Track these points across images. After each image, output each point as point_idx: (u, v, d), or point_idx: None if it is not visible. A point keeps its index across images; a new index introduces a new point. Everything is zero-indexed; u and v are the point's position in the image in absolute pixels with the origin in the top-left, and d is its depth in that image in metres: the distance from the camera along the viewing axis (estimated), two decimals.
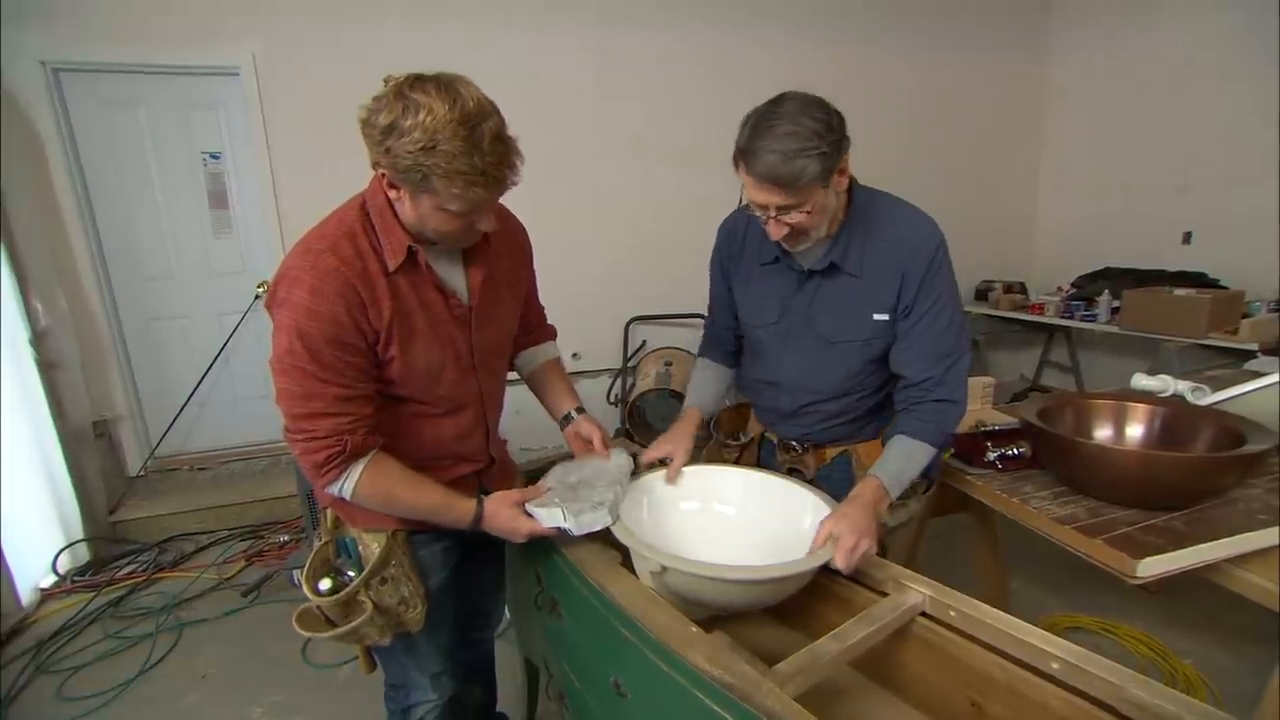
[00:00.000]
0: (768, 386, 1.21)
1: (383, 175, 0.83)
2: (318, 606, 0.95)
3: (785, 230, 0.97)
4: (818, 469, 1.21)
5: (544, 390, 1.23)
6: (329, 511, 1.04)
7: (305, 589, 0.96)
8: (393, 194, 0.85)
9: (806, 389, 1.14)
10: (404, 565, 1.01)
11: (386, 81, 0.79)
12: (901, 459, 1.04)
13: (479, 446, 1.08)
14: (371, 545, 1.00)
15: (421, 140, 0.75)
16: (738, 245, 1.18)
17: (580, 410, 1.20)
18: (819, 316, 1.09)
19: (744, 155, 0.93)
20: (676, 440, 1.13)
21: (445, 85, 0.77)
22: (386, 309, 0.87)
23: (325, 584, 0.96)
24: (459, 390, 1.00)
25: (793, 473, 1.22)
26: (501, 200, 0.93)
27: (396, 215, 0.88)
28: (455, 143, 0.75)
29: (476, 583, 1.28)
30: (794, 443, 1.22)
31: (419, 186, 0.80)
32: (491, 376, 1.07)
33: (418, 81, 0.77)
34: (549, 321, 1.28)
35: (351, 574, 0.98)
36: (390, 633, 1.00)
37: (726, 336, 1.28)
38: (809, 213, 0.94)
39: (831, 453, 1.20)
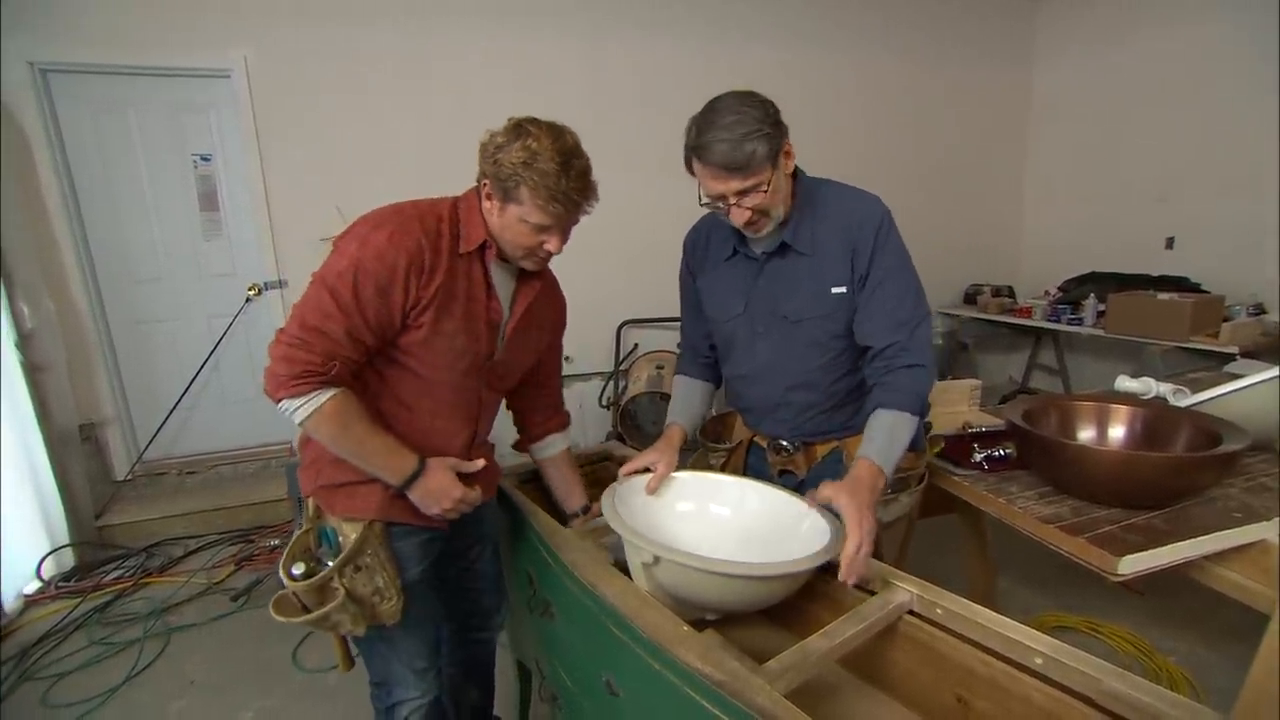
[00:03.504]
0: (744, 380, 1.23)
1: (484, 184, 0.98)
2: (293, 592, 0.96)
3: (747, 215, 1.02)
4: (809, 469, 1.21)
5: (556, 481, 1.30)
6: (310, 500, 1.05)
7: (281, 573, 0.97)
8: (487, 205, 0.99)
9: (781, 373, 1.16)
10: (379, 556, 1.02)
11: (510, 120, 0.98)
12: (885, 434, 1.03)
13: (458, 450, 1.09)
14: (350, 535, 1.01)
15: (524, 156, 0.91)
16: (701, 249, 1.22)
17: (587, 509, 1.27)
18: (780, 297, 1.12)
19: (696, 151, 1.00)
20: (660, 452, 1.14)
21: (554, 126, 0.97)
22: (438, 279, 0.96)
23: (298, 569, 0.97)
24: (463, 383, 1.05)
25: (784, 475, 1.23)
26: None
27: (483, 216, 1.01)
28: (551, 164, 0.92)
29: (476, 580, 1.29)
30: (783, 443, 1.22)
31: (510, 195, 0.95)
32: (493, 390, 1.13)
33: (534, 120, 0.96)
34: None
35: (331, 563, 0.99)
36: (364, 623, 1.01)
37: (701, 346, 1.31)
38: (765, 192, 1.00)
39: (822, 450, 1.20)
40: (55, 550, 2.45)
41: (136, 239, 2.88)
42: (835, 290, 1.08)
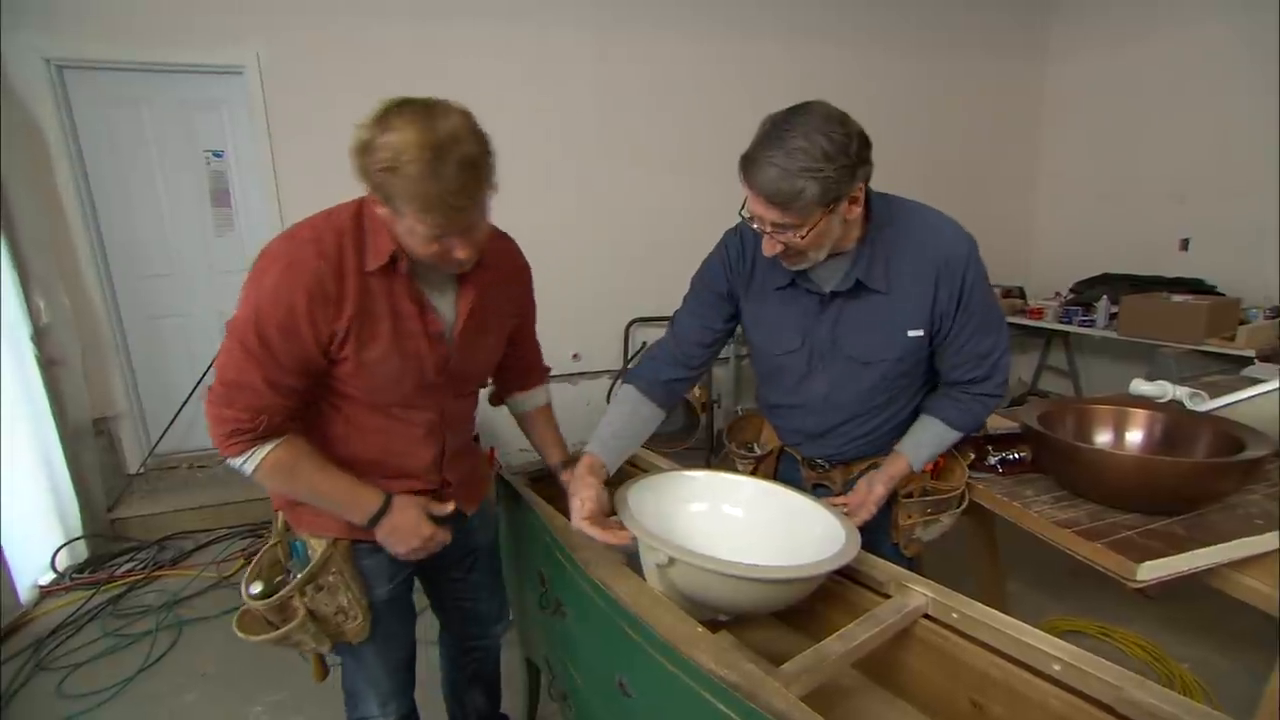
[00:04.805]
0: (791, 409, 1.17)
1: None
2: (260, 609, 0.94)
3: (779, 248, 0.94)
4: (845, 484, 1.19)
5: (533, 438, 1.25)
6: (280, 514, 1.02)
7: (242, 590, 0.95)
8: (381, 211, 0.85)
9: (836, 409, 1.11)
10: (344, 574, 0.98)
11: (379, 106, 0.80)
12: (934, 444, 1.10)
13: (427, 466, 1.03)
14: (318, 550, 0.98)
15: (388, 159, 0.75)
16: (747, 263, 1.10)
17: (567, 463, 1.18)
18: (847, 338, 1.04)
19: (746, 163, 0.89)
20: (591, 489, 1.01)
21: (424, 110, 0.77)
22: (349, 309, 0.87)
23: (256, 587, 0.95)
24: (418, 402, 0.98)
25: (817, 489, 1.21)
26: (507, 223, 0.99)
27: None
28: (417, 166, 0.75)
29: (470, 591, 1.25)
30: (820, 460, 1.19)
31: (390, 205, 0.81)
32: (458, 399, 1.04)
33: (401, 105, 0.78)
34: (543, 353, 1.25)
35: (295, 579, 0.97)
36: (327, 641, 0.99)
37: (692, 351, 1.15)
38: (803, 237, 0.90)
39: (859, 467, 1.18)
40: (69, 542, 2.47)
41: (149, 234, 2.90)
42: (911, 333, 1.01)
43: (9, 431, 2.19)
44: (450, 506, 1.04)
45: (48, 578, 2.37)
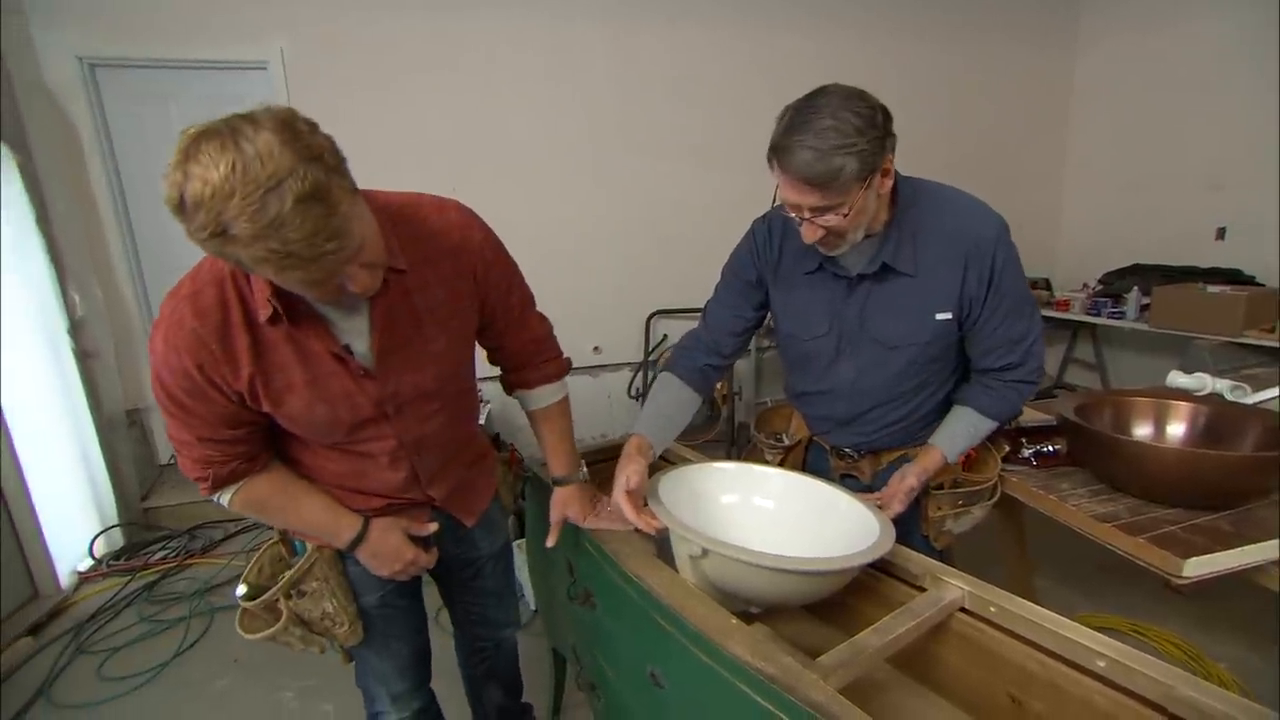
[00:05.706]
0: (820, 396, 1.16)
1: None
2: (250, 608, 0.95)
3: (820, 233, 0.93)
4: (874, 475, 1.18)
5: (541, 439, 1.12)
6: None
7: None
8: None
9: (866, 395, 1.10)
10: (330, 581, 0.96)
11: (179, 144, 0.61)
12: (968, 435, 1.08)
13: (400, 487, 0.97)
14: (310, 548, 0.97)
15: (209, 225, 0.60)
16: (775, 251, 1.10)
17: (563, 480, 1.09)
18: (874, 321, 1.04)
19: (777, 152, 0.88)
20: (635, 463, 1.03)
21: (230, 137, 0.59)
22: (245, 368, 0.77)
23: (241, 589, 0.96)
24: (367, 435, 0.89)
25: (845, 479, 1.20)
26: (479, 201, 0.92)
27: None
28: (245, 224, 0.59)
29: (477, 597, 1.24)
30: (849, 450, 1.19)
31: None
32: (420, 421, 0.92)
33: (199, 139, 0.60)
34: (563, 346, 1.11)
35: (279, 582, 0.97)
36: (317, 644, 0.99)
37: (724, 341, 1.17)
38: (845, 215, 0.89)
39: (888, 457, 1.17)
40: (106, 530, 2.54)
41: (177, 230, 2.88)
42: (940, 316, 1.00)
43: (49, 421, 2.25)
44: (433, 527, 1.01)
45: (86, 564, 2.44)
